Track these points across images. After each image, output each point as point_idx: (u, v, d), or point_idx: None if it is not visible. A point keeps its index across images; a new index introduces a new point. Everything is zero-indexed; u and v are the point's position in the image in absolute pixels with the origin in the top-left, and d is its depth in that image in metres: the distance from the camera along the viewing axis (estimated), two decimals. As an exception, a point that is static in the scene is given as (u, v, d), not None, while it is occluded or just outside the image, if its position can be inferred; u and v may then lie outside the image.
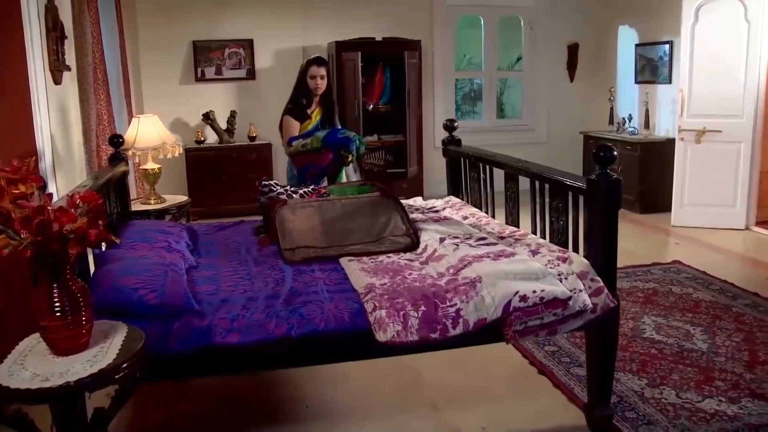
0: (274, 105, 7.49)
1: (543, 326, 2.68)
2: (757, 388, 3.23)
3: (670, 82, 7.17)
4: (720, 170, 6.30)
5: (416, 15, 7.98)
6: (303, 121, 4.67)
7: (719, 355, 3.61)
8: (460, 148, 4.41)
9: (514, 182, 3.70)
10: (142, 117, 4.99)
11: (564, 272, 2.78)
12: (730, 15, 6.10)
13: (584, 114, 8.61)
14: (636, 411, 3.05)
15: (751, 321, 4.07)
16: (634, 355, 3.63)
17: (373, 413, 3.18)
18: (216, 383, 3.45)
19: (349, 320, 2.56)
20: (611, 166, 2.76)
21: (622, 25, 8.12)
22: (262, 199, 3.80)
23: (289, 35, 7.56)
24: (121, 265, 2.72)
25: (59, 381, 1.86)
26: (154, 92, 7.13)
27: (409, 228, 3.52)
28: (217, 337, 2.45)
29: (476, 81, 9.50)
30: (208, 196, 6.90)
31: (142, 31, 7.06)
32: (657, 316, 4.18)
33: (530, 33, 8.65)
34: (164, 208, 4.89)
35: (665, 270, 5.14)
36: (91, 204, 1.88)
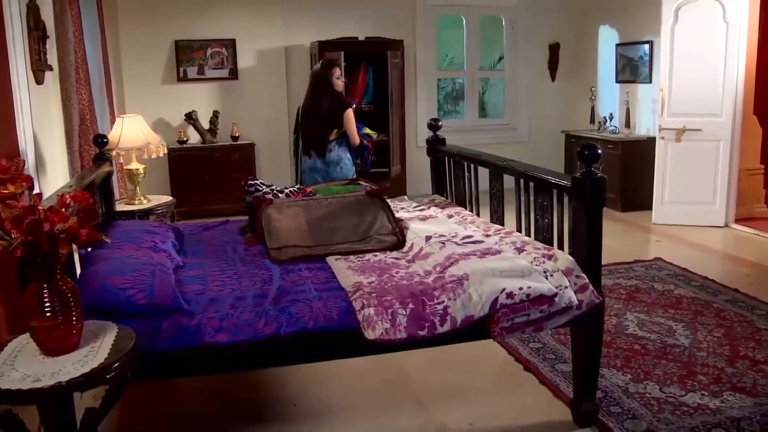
0: (256, 105, 7.55)
1: (529, 323, 2.71)
2: (738, 382, 3.29)
3: (651, 82, 7.26)
4: (700, 168, 6.39)
5: (398, 15, 8.00)
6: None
7: (701, 350, 3.66)
8: (444, 147, 4.44)
9: (499, 181, 3.74)
10: (126, 117, 4.96)
11: (549, 269, 2.81)
12: (709, 16, 6.18)
13: (566, 113, 8.69)
14: (621, 406, 3.09)
15: (731, 316, 4.13)
16: (617, 351, 3.68)
17: (360, 411, 3.20)
18: (203, 383, 3.45)
19: (338, 318, 2.58)
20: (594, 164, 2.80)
21: (602, 25, 8.19)
22: (248, 199, 3.79)
23: (272, 35, 7.55)
24: (108, 265, 2.71)
25: (51, 381, 1.86)
26: (136, 92, 7.08)
27: (395, 227, 3.54)
28: (207, 336, 2.46)
29: (458, 80, 9.53)
30: (191, 197, 6.87)
31: (124, 31, 7.01)
32: (640, 313, 4.23)
33: (512, 33, 8.71)
34: (149, 208, 4.86)
35: (647, 267, 5.21)
36: (81, 203, 1.87)
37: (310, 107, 5.06)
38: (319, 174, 4.99)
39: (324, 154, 5.04)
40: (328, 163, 5.02)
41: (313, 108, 5.04)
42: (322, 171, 5.02)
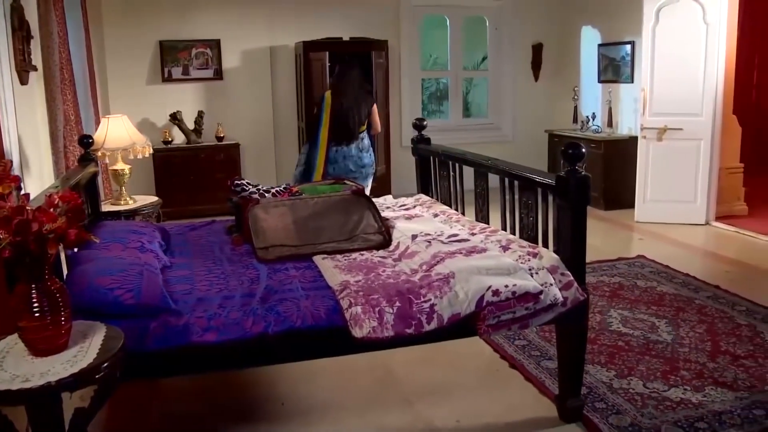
0: (241, 105, 7.54)
1: (515, 320, 2.75)
2: (719, 377, 3.35)
3: (632, 82, 7.33)
4: (681, 167, 6.46)
5: (383, 15, 8.03)
6: None
7: (683, 346, 3.72)
8: (429, 146, 4.47)
9: (484, 180, 3.77)
10: (112, 117, 4.95)
11: (534, 267, 2.85)
12: (689, 17, 6.26)
13: (549, 113, 8.76)
14: (605, 401, 3.13)
15: (712, 312, 4.20)
16: (602, 347, 3.73)
17: (348, 409, 3.21)
18: (190, 383, 3.45)
19: (326, 317, 2.60)
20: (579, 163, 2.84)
21: (585, 26, 8.26)
22: (234, 199, 3.80)
23: (257, 35, 7.55)
24: (95, 266, 2.71)
25: (40, 381, 1.86)
26: (121, 92, 7.05)
27: (381, 226, 3.56)
28: (195, 335, 2.47)
29: (442, 81, 9.57)
30: (176, 197, 6.86)
31: (108, 31, 6.97)
32: (623, 310, 4.28)
33: (495, 33, 8.77)
34: (135, 208, 4.85)
35: (630, 264, 5.27)
36: (70, 204, 1.88)
37: (352, 104, 5.46)
38: (352, 160, 5.46)
39: (359, 141, 5.50)
40: (361, 149, 5.51)
41: (355, 104, 5.47)
42: (355, 156, 5.49)
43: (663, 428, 2.89)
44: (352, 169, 5.39)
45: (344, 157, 5.45)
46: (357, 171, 5.45)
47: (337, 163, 5.45)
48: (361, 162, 5.50)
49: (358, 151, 5.49)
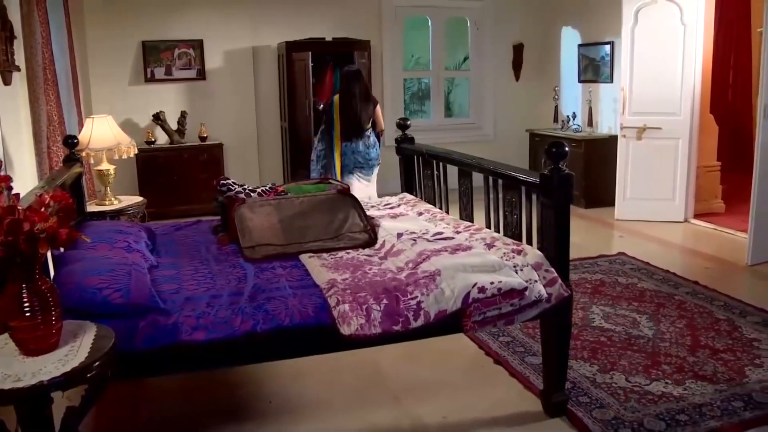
0: (224, 105, 7.54)
1: (501, 316, 2.79)
2: (699, 370, 3.42)
3: (612, 81, 7.42)
4: (660, 165, 6.56)
5: (365, 16, 8.06)
6: None
7: (664, 341, 3.79)
8: (413, 145, 4.50)
9: (468, 178, 3.81)
10: (96, 118, 4.94)
11: (519, 264, 2.90)
12: (667, 18, 6.36)
13: (530, 112, 8.83)
14: (589, 396, 3.19)
15: (692, 308, 4.28)
16: (584, 343, 3.78)
17: (336, 406, 3.24)
18: (177, 382, 3.45)
19: (314, 315, 2.62)
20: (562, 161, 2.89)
21: (565, 27, 8.35)
22: (220, 198, 3.81)
23: (239, 36, 7.55)
24: (83, 266, 2.71)
25: (32, 381, 1.87)
26: (103, 93, 7.02)
27: (366, 224, 3.59)
28: (184, 334, 2.48)
29: (424, 81, 9.62)
30: (160, 197, 6.84)
31: (90, 32, 6.94)
32: (605, 306, 4.35)
33: (476, 33, 8.83)
34: (120, 208, 4.85)
35: (611, 261, 5.34)
36: (61, 203, 1.89)
37: (357, 106, 5.98)
38: (360, 154, 6.04)
39: (365, 139, 6.05)
40: (368, 146, 6.07)
41: (360, 106, 5.99)
42: (363, 152, 6.05)
43: (645, 421, 2.94)
44: (360, 162, 6.04)
45: (353, 152, 6.04)
46: (365, 163, 6.07)
47: (347, 156, 6.05)
48: (368, 156, 6.09)
49: (365, 147, 6.06)
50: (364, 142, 6.07)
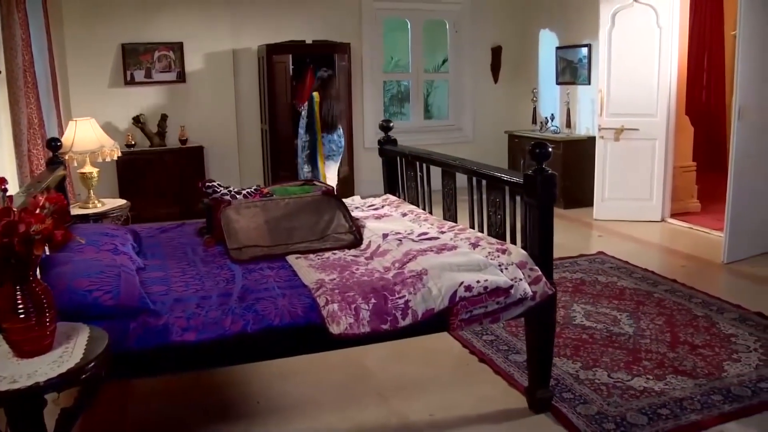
0: (205, 108, 7.53)
1: (487, 314, 2.84)
2: (679, 366, 3.50)
3: (590, 83, 7.53)
4: (637, 166, 6.67)
5: (345, 18, 8.09)
6: None
7: (644, 338, 3.87)
8: (396, 147, 4.54)
9: (452, 179, 3.86)
10: (79, 120, 4.91)
11: (504, 263, 2.95)
12: (643, 20, 6.47)
13: (508, 114, 8.92)
14: (572, 392, 3.25)
15: (671, 305, 4.37)
16: (567, 340, 3.85)
17: (324, 405, 3.26)
18: (164, 384, 3.46)
19: (303, 315, 2.65)
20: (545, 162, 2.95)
21: (543, 29, 8.45)
22: (206, 200, 3.82)
23: (220, 38, 7.53)
24: (72, 268, 2.71)
25: (28, 382, 1.87)
26: (83, 96, 6.96)
27: (352, 225, 3.63)
28: (174, 335, 2.50)
29: (403, 83, 9.67)
30: (140, 201, 6.78)
31: (69, 34, 6.88)
32: (586, 304, 4.42)
33: (455, 36, 8.90)
34: (104, 211, 4.83)
35: (591, 261, 5.43)
36: (56, 205, 1.90)
37: (333, 102, 6.83)
38: (335, 143, 6.86)
39: (337, 130, 6.90)
40: (339, 136, 6.91)
41: (336, 103, 6.90)
42: (337, 141, 6.88)
43: (628, 416, 3.01)
44: (334, 150, 6.87)
45: (329, 141, 6.84)
46: (337, 151, 6.91)
47: (325, 146, 6.85)
48: (340, 144, 6.95)
49: (338, 137, 6.90)
50: (338, 132, 6.90)
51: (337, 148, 6.96)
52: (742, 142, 5.16)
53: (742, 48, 5.06)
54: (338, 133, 6.96)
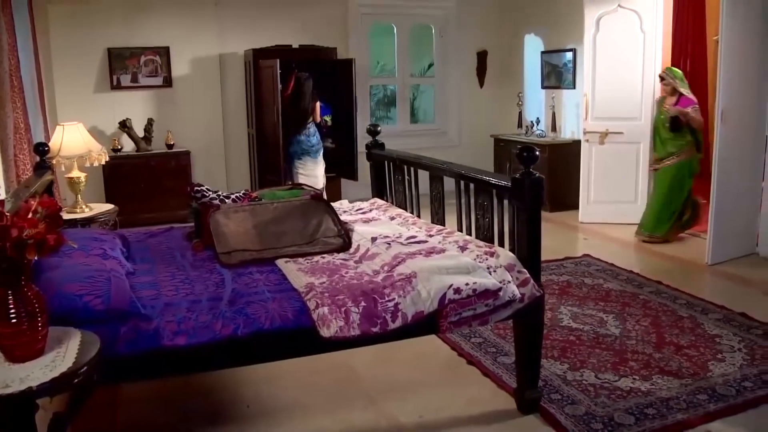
0: (191, 112, 7.52)
1: (476, 316, 2.87)
2: (665, 366, 3.54)
3: (575, 87, 7.60)
4: (622, 169, 6.73)
5: (332, 23, 8.12)
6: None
7: (631, 339, 3.91)
8: (383, 151, 4.57)
9: (440, 183, 3.89)
10: (67, 125, 4.90)
11: (492, 265, 2.98)
12: (627, 25, 6.54)
13: (494, 118, 8.97)
14: (560, 393, 3.28)
15: (656, 306, 4.42)
16: (554, 342, 3.88)
17: (313, 409, 3.28)
18: (153, 388, 3.45)
19: (293, 318, 2.67)
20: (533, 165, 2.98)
21: (528, 34, 8.51)
22: (194, 205, 3.82)
23: (206, 43, 7.53)
24: (61, 273, 2.70)
25: (21, 387, 1.87)
26: (68, 100, 6.92)
27: (340, 229, 3.65)
28: (166, 339, 2.50)
29: (390, 87, 9.71)
30: (127, 205, 6.72)
31: (55, 38, 6.84)
32: (572, 306, 4.46)
33: (441, 41, 8.95)
34: (91, 216, 4.81)
35: (577, 263, 5.48)
36: (49, 209, 1.91)
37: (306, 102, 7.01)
38: (304, 142, 7.03)
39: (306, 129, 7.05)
40: (308, 136, 7.03)
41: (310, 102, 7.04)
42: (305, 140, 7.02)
43: (615, 416, 3.05)
44: (307, 147, 7.08)
45: (298, 142, 7.06)
46: (311, 148, 7.11)
47: (293, 145, 7.07)
48: (313, 141, 7.13)
49: (306, 137, 7.08)
50: (305, 133, 7.06)
51: (309, 146, 7.03)
52: (725, 145, 5.23)
53: (724, 53, 5.14)
54: (307, 132, 7.03)
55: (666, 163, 6.01)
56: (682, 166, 5.96)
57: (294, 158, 7.04)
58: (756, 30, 5.35)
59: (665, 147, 6.03)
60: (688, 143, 5.94)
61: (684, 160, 5.95)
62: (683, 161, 5.95)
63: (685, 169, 5.97)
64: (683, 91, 5.95)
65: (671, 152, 5.98)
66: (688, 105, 5.88)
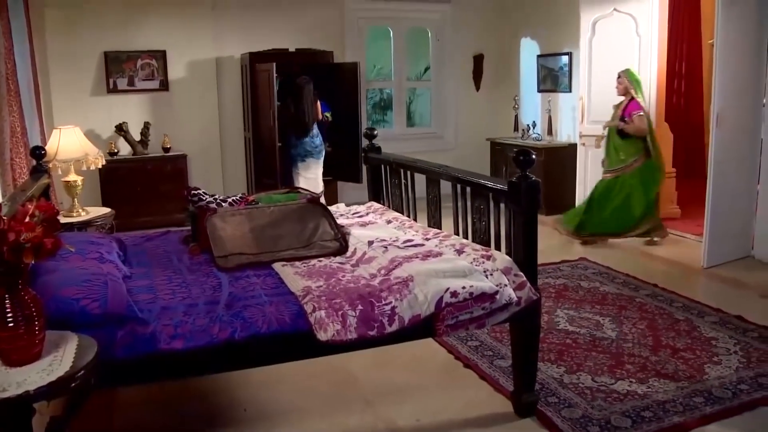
0: (188, 116, 7.51)
1: (472, 320, 2.88)
2: (661, 369, 3.55)
3: (570, 91, 7.61)
4: (618, 172, 6.73)
5: (328, 26, 8.13)
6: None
7: (627, 342, 3.92)
8: (380, 155, 4.57)
9: (436, 186, 3.90)
10: (64, 128, 4.90)
11: (489, 269, 2.98)
12: (623, 29, 6.56)
13: (490, 121, 8.99)
14: (557, 396, 3.29)
15: (652, 309, 4.43)
16: (551, 345, 3.89)
17: (311, 412, 3.27)
18: (149, 392, 3.45)
19: (290, 322, 2.67)
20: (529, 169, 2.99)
21: (524, 38, 8.53)
22: (191, 208, 3.82)
23: (203, 46, 7.53)
24: (58, 277, 2.70)
25: (18, 391, 1.87)
26: (65, 104, 6.92)
27: (337, 233, 3.65)
28: (162, 343, 2.50)
29: (386, 91, 9.72)
30: (123, 209, 6.72)
31: (51, 42, 6.84)
32: (569, 309, 4.47)
33: (437, 44, 8.97)
34: (88, 220, 4.81)
35: (573, 266, 5.49)
36: (46, 213, 1.91)
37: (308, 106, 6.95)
38: (308, 144, 7.02)
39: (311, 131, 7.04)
40: (312, 137, 7.01)
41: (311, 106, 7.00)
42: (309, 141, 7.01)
43: (612, 419, 3.05)
44: (310, 149, 7.08)
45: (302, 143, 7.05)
46: (314, 150, 7.09)
47: (298, 147, 7.07)
48: (315, 143, 7.13)
49: (310, 138, 7.07)
50: (310, 135, 7.08)
51: (313, 147, 7.02)
52: (720, 148, 5.25)
53: (719, 56, 5.16)
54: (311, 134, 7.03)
55: (617, 172, 6.04)
56: (634, 175, 5.99)
57: (297, 160, 7.01)
58: (751, 33, 5.37)
59: (618, 154, 6.06)
60: (638, 149, 5.97)
61: (636, 168, 5.98)
62: (636, 169, 5.97)
63: (638, 177, 5.98)
64: (634, 95, 5.96)
65: (622, 159, 6.01)
66: (634, 110, 5.90)
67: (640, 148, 5.97)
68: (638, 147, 5.97)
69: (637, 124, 5.88)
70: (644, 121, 5.90)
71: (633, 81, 6.01)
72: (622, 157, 6.01)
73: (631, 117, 5.90)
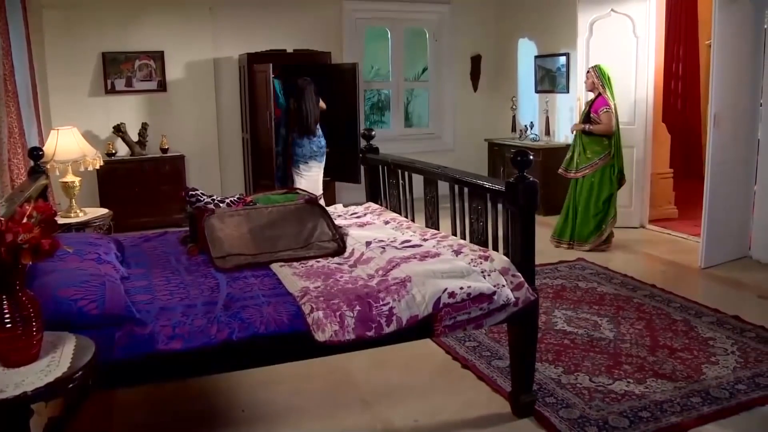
0: (186, 117, 7.52)
1: (470, 320, 2.88)
2: (659, 369, 3.56)
3: (568, 92, 7.62)
4: (616, 173, 6.74)
5: (326, 27, 8.14)
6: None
7: (625, 342, 3.93)
8: (378, 155, 4.57)
9: (434, 187, 3.90)
10: (61, 129, 4.90)
11: (487, 269, 2.99)
12: (620, 30, 6.58)
13: (488, 122, 9.00)
14: (555, 396, 3.29)
15: (650, 310, 4.44)
16: (548, 346, 3.89)
17: (309, 413, 3.28)
18: (147, 393, 3.45)
19: (288, 322, 2.67)
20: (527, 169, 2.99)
21: (521, 39, 8.54)
22: (189, 209, 3.82)
23: (200, 47, 7.54)
24: (56, 278, 2.70)
25: (16, 391, 1.87)
26: (63, 105, 6.93)
27: (335, 233, 3.65)
28: (161, 344, 2.50)
29: (384, 91, 9.73)
30: (121, 210, 6.72)
31: (49, 43, 6.85)
32: (567, 310, 4.48)
33: (435, 45, 8.98)
34: (86, 221, 4.81)
35: (571, 267, 5.49)
36: (44, 214, 1.91)
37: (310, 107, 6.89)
38: (315, 143, 6.98)
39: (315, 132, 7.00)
40: (318, 137, 7.00)
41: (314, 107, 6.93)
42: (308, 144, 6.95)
43: (610, 419, 3.06)
44: (314, 150, 7.04)
45: (309, 143, 7.00)
46: (318, 152, 7.07)
47: (301, 148, 7.01)
48: (319, 144, 7.11)
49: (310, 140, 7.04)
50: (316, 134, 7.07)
51: (318, 148, 6.99)
52: (718, 149, 5.26)
53: (716, 57, 5.17)
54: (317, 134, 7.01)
55: (585, 171, 6.06)
56: (602, 171, 6.00)
57: (299, 162, 6.96)
58: (748, 34, 5.38)
59: (585, 152, 6.06)
60: (604, 148, 5.98)
61: (600, 166, 5.99)
62: (599, 168, 5.99)
63: (605, 175, 5.99)
64: (602, 92, 5.96)
65: (589, 158, 6.02)
66: (601, 106, 5.91)
67: (605, 146, 5.98)
68: (604, 145, 5.98)
69: (604, 120, 5.88)
70: (611, 117, 5.90)
71: (603, 77, 5.99)
72: (589, 156, 6.01)
73: (598, 114, 5.90)
